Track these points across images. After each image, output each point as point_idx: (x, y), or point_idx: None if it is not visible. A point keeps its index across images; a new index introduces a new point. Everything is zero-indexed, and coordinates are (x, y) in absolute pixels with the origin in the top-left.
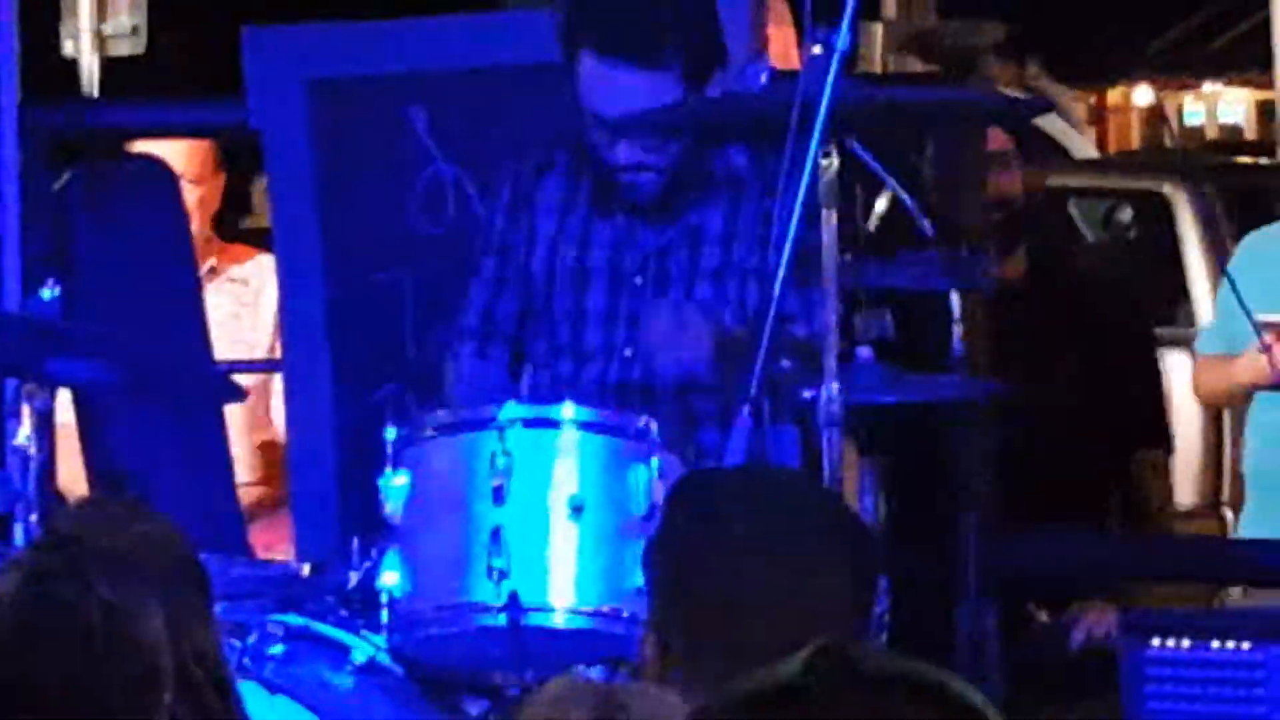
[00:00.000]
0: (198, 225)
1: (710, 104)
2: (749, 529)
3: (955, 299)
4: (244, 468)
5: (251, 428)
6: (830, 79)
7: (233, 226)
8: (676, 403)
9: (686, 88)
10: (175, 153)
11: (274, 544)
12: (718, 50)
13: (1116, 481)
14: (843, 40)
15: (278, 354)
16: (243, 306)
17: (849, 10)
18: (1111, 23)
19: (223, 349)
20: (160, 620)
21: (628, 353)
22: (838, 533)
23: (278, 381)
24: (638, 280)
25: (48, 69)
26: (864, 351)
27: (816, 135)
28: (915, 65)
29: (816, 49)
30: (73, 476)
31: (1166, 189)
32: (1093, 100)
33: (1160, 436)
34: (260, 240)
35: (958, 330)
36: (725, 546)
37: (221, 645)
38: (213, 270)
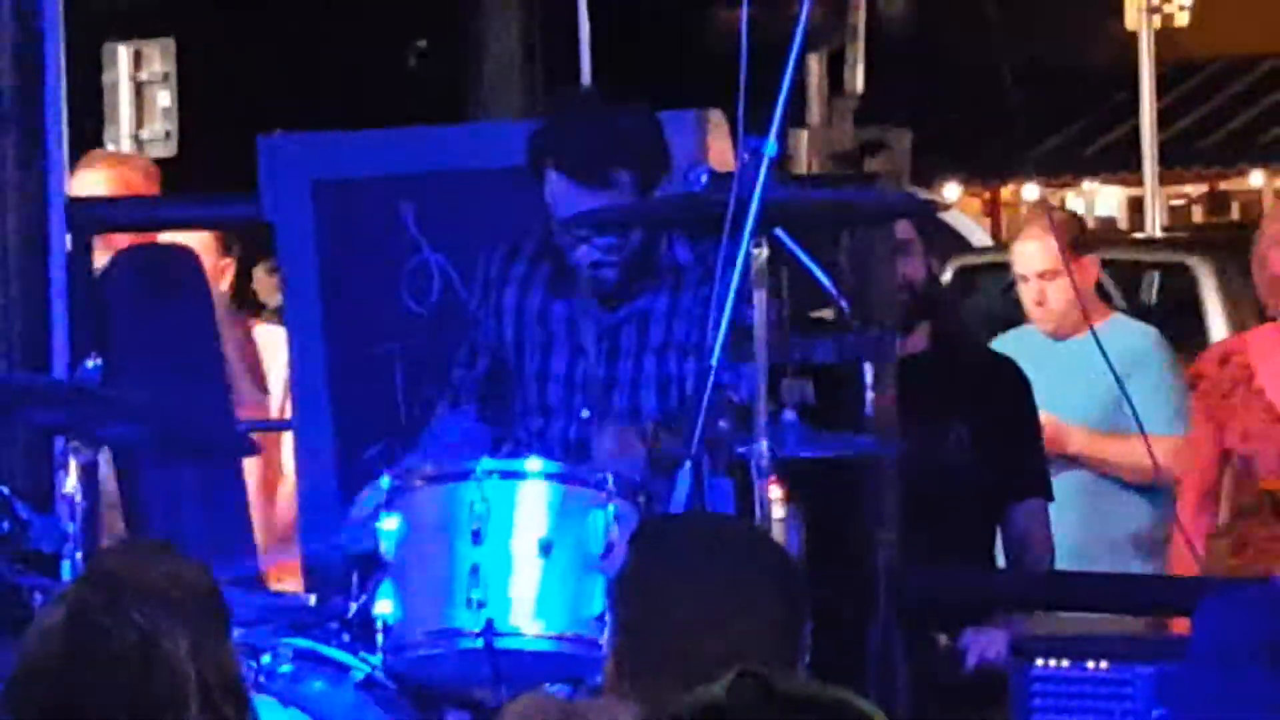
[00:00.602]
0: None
1: (658, 203)
2: (692, 566)
3: (868, 369)
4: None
5: (265, 480)
6: (760, 180)
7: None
8: None
9: (636, 198)
10: (192, 241)
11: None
12: (664, 164)
13: (1003, 525)
14: (771, 148)
15: (286, 414)
16: None
17: (776, 123)
18: (1002, 130)
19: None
20: (186, 645)
21: (584, 414)
22: (771, 570)
23: (286, 438)
24: (592, 353)
25: None
26: (789, 414)
27: (748, 228)
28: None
29: (748, 155)
30: (114, 521)
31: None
32: (987, 196)
33: (1040, 485)
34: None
35: (869, 396)
36: (671, 580)
37: (239, 666)
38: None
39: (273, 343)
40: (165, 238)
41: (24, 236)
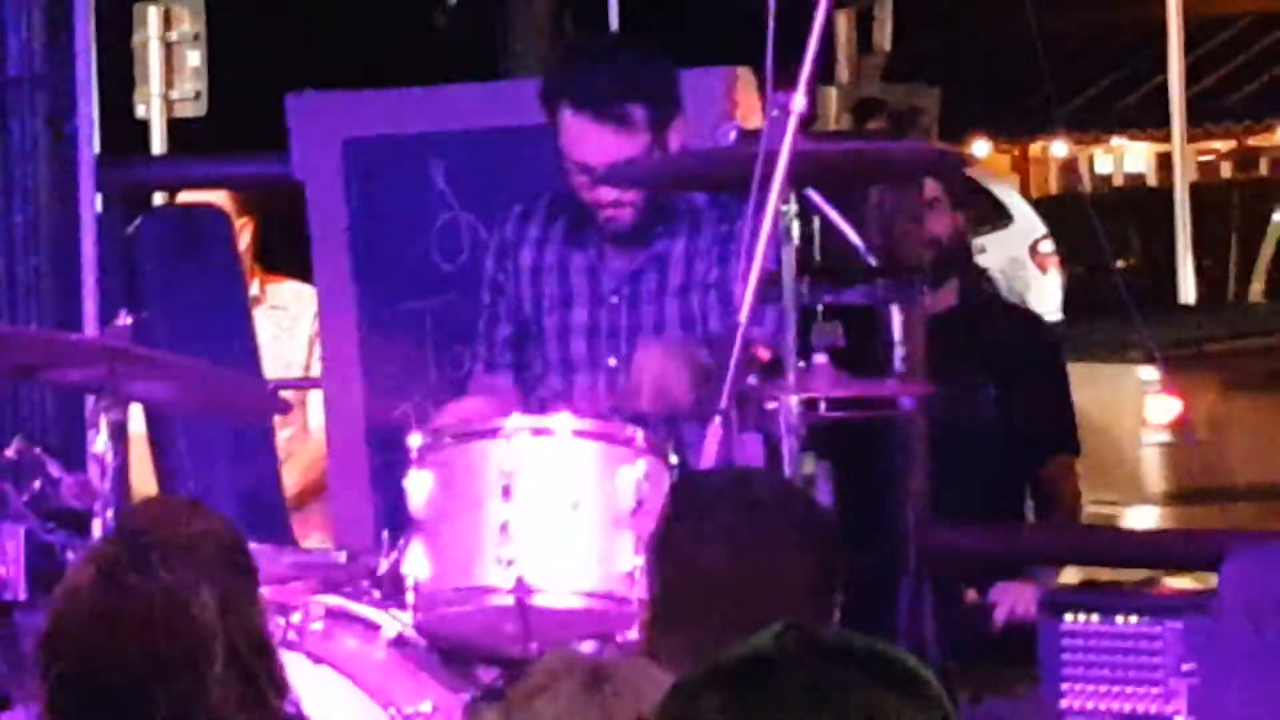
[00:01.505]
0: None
1: (687, 158)
2: (728, 521)
3: (896, 321)
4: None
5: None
6: (788, 135)
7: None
8: None
9: (650, 137)
10: (218, 200)
11: (306, 532)
12: (675, 104)
13: (1031, 481)
14: (799, 103)
15: (312, 372)
16: (282, 330)
17: (803, 78)
18: (1031, 86)
19: (265, 367)
20: (214, 602)
21: (611, 363)
22: (804, 526)
23: (312, 396)
24: (614, 300)
25: (122, 129)
26: (819, 358)
27: (777, 184)
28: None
29: (776, 112)
30: (143, 479)
31: None
32: (1016, 153)
33: (1068, 443)
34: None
35: (899, 351)
36: (707, 536)
37: (266, 623)
38: (255, 298)
39: (301, 299)
40: (187, 197)
41: (54, 196)
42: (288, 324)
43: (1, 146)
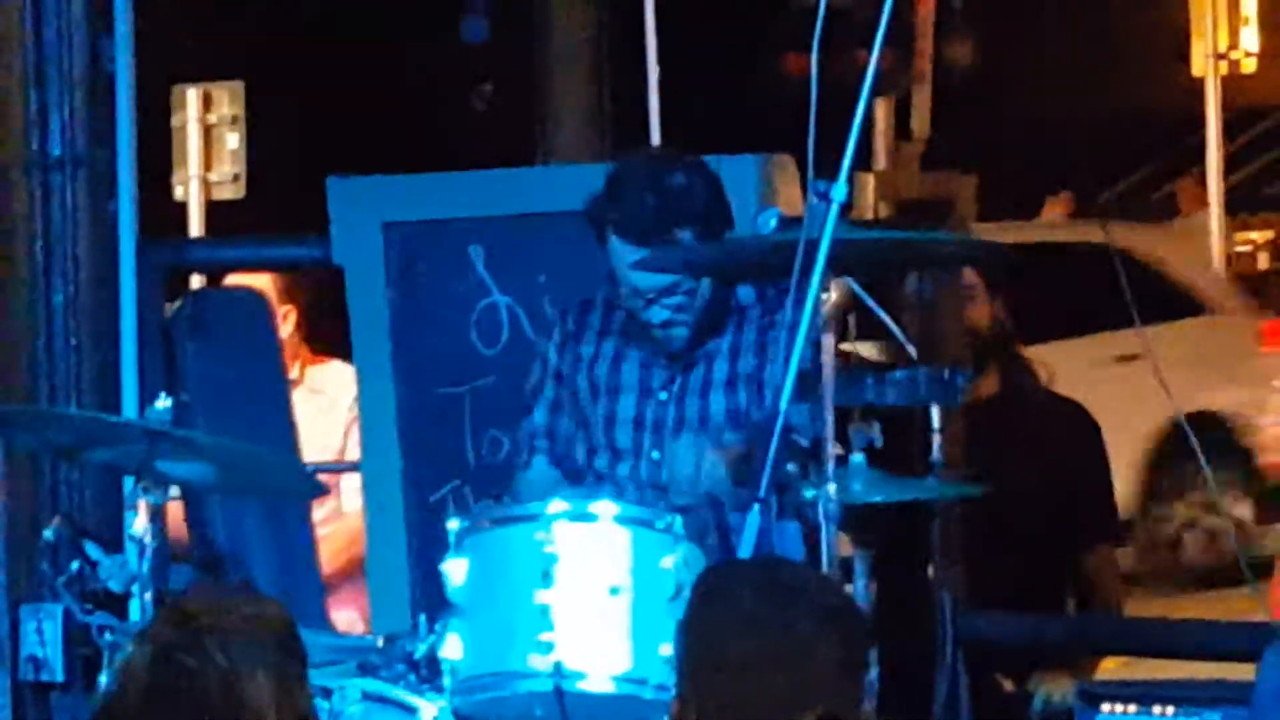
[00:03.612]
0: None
1: (728, 246)
2: (756, 609)
3: (935, 412)
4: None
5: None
6: (829, 225)
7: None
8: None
9: None
10: (263, 284)
11: (338, 609)
12: (725, 219)
13: (1072, 569)
14: (840, 192)
15: (348, 455)
16: (320, 412)
17: (845, 167)
18: (1070, 174)
19: (303, 449)
20: (268, 686)
21: (655, 456)
22: (830, 612)
23: (346, 479)
24: (662, 395)
25: (160, 211)
26: (856, 458)
27: (818, 272)
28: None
29: (816, 199)
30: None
31: None
32: None
33: (1109, 530)
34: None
35: (937, 439)
36: (735, 623)
37: (315, 707)
38: (294, 380)
39: (341, 381)
40: (232, 279)
41: (95, 277)
42: (326, 406)
43: (43, 226)
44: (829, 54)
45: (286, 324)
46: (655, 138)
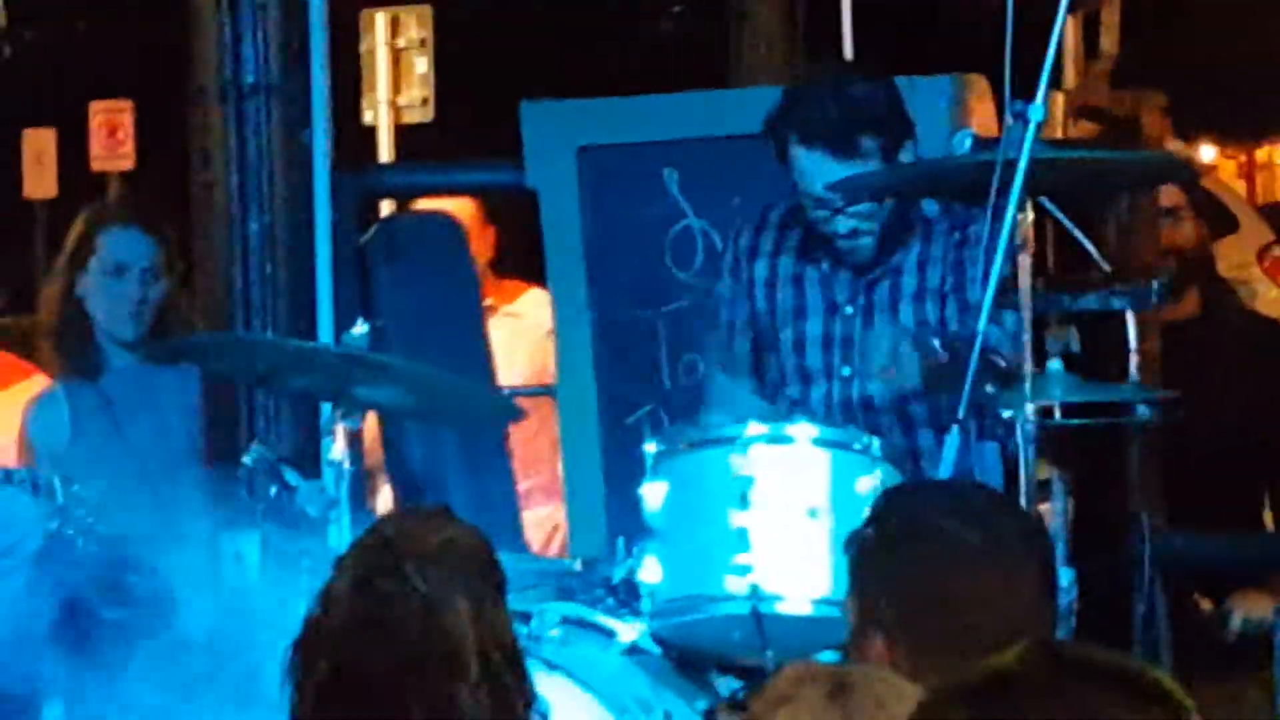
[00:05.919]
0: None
1: (922, 168)
2: (956, 536)
3: (1131, 325)
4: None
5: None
6: (1026, 145)
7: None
8: (894, 413)
9: (882, 162)
10: (454, 209)
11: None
12: (906, 129)
13: (1270, 489)
14: (1037, 111)
15: (544, 378)
16: (516, 337)
17: (1042, 86)
18: (1260, 91)
19: (499, 373)
20: (467, 611)
21: (846, 373)
22: (1027, 538)
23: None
24: (849, 310)
25: (350, 137)
26: (1054, 363)
27: (1015, 193)
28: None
29: (1013, 118)
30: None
31: None
32: (1242, 159)
33: None
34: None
35: (1134, 359)
36: (936, 552)
37: (514, 632)
38: (491, 305)
39: (537, 306)
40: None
41: (290, 205)
42: (522, 331)
43: (238, 155)
44: None
45: (483, 247)
46: (848, 58)
